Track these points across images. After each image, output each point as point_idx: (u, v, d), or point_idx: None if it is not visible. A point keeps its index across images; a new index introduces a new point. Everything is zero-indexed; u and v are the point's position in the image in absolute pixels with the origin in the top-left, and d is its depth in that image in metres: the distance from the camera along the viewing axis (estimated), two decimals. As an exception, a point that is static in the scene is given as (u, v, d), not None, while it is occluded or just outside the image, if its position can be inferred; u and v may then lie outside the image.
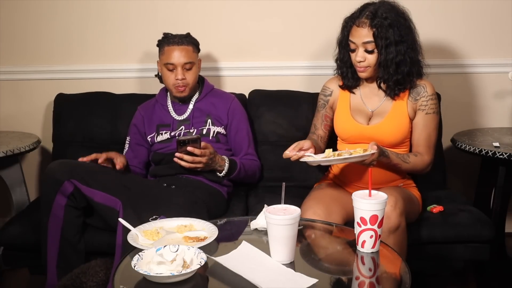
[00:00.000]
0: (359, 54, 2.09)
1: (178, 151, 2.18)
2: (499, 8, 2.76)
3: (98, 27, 2.81)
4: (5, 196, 2.77)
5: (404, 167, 2.11)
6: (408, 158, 2.11)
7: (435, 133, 2.21)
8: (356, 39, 2.08)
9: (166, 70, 2.35)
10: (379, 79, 2.14)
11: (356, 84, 2.23)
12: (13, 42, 2.84)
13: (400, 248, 1.91)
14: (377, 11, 2.06)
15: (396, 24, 2.06)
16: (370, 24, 2.05)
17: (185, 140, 2.18)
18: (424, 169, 2.18)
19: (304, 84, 2.80)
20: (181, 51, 2.33)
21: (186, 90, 2.36)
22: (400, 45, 2.07)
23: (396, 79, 2.10)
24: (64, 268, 2.04)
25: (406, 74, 2.11)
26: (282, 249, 1.52)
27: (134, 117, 2.48)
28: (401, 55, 2.07)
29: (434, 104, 2.17)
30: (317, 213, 1.98)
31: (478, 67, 2.82)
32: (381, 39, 2.04)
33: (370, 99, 2.21)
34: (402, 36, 2.07)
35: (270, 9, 2.78)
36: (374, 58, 2.09)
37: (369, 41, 2.06)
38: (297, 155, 1.99)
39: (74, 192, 2.01)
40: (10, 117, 2.91)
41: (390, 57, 2.07)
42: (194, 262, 1.47)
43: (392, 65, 2.08)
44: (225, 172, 2.30)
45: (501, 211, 2.51)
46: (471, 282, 2.57)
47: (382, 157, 2.01)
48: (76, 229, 2.08)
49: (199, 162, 2.19)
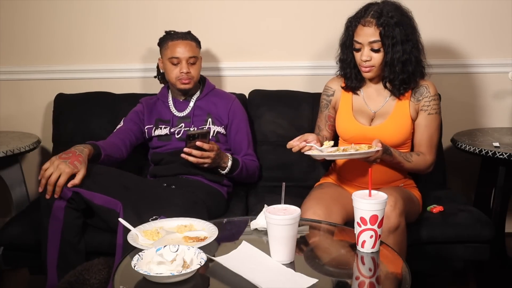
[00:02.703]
0: (365, 53, 2.09)
1: (187, 146, 2.17)
2: (499, 8, 2.76)
3: (98, 27, 2.81)
4: (5, 196, 2.77)
5: (406, 166, 2.11)
6: (410, 157, 2.11)
7: (437, 134, 2.21)
8: (362, 38, 2.08)
9: (171, 64, 2.35)
10: (385, 79, 2.14)
11: (359, 85, 2.23)
12: (13, 42, 2.85)
13: (399, 248, 1.91)
14: (382, 10, 2.06)
15: (401, 23, 2.06)
16: (377, 23, 2.05)
17: (195, 134, 2.16)
18: (426, 169, 2.18)
19: (304, 84, 2.80)
20: (185, 45, 2.34)
21: (191, 83, 2.36)
22: (405, 44, 2.07)
23: (402, 78, 2.11)
24: (64, 269, 2.04)
25: (411, 73, 2.11)
26: (282, 249, 1.52)
27: (136, 107, 2.49)
28: (406, 54, 2.08)
29: (437, 104, 2.18)
30: (317, 213, 1.98)
31: (478, 67, 2.82)
32: (388, 38, 2.04)
33: (373, 100, 2.21)
34: (408, 35, 2.08)
35: (271, 9, 2.78)
36: (380, 57, 2.08)
37: (375, 40, 2.06)
38: (299, 146, 1.99)
39: (73, 195, 2.01)
40: (10, 117, 2.91)
41: (396, 56, 2.07)
42: (194, 262, 1.47)
43: (398, 64, 2.08)
44: (228, 169, 2.30)
45: (501, 211, 2.51)
46: (471, 282, 2.57)
47: (385, 155, 2.02)
48: (76, 230, 2.07)
49: (207, 157, 2.18)
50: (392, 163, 2.09)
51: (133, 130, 2.41)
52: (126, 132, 2.39)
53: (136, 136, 2.41)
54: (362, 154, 1.93)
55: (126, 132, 2.39)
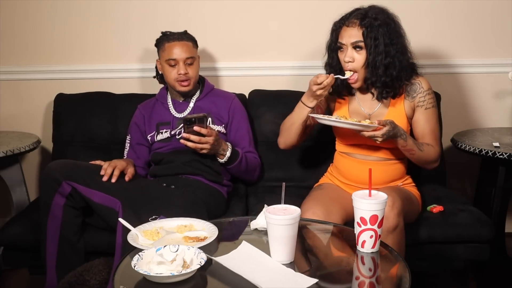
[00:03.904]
0: (348, 54, 2.08)
1: (184, 131, 2.17)
2: (499, 8, 2.76)
3: (98, 27, 2.81)
4: (5, 196, 2.77)
5: (418, 154, 2.09)
6: (422, 146, 2.10)
7: (438, 127, 2.20)
8: (345, 39, 2.08)
9: (168, 66, 2.35)
10: (367, 81, 2.12)
11: (348, 90, 2.21)
12: (13, 42, 2.85)
13: (398, 248, 1.91)
14: (367, 12, 2.08)
15: (385, 26, 2.06)
16: (360, 24, 2.05)
17: (191, 118, 2.16)
18: (435, 161, 2.15)
19: (304, 84, 2.77)
20: (182, 46, 2.34)
21: (190, 84, 2.36)
22: (389, 47, 2.06)
23: (384, 81, 2.08)
24: (63, 268, 2.04)
25: (394, 77, 2.09)
26: (282, 249, 1.52)
27: (134, 116, 2.48)
28: (390, 57, 2.06)
29: (432, 98, 2.17)
30: (317, 214, 1.98)
31: (478, 67, 2.82)
32: (371, 39, 2.04)
33: (367, 102, 2.21)
34: (392, 39, 2.07)
35: (270, 9, 2.78)
36: (362, 58, 2.08)
37: (358, 40, 2.06)
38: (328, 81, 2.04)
39: (72, 192, 2.01)
40: (10, 117, 2.91)
41: (379, 58, 2.06)
42: (194, 262, 1.47)
43: (380, 66, 2.06)
44: (227, 157, 2.28)
45: (501, 211, 2.51)
46: (471, 282, 2.57)
47: (400, 139, 2.01)
48: (75, 228, 2.08)
49: (205, 142, 2.18)
50: (405, 148, 2.07)
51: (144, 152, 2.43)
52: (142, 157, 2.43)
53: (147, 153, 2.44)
54: (359, 126, 1.94)
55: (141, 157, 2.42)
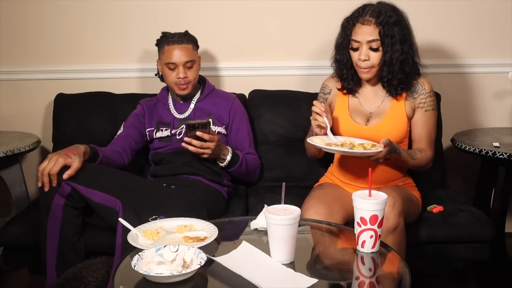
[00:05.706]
0: (363, 53, 2.08)
1: (187, 135, 2.17)
2: (499, 8, 2.76)
3: (98, 27, 2.81)
4: (5, 196, 2.77)
5: (411, 163, 2.12)
6: (415, 154, 2.12)
7: (435, 130, 2.22)
8: (361, 37, 2.08)
9: (167, 69, 2.35)
10: (383, 79, 2.13)
11: (357, 86, 2.22)
12: (13, 42, 2.84)
13: (398, 248, 1.91)
14: (381, 10, 2.07)
15: (399, 23, 2.07)
16: (376, 22, 2.05)
17: (194, 124, 2.17)
18: (427, 165, 2.18)
19: (304, 84, 2.80)
20: (181, 50, 2.33)
21: (188, 87, 2.36)
22: (403, 44, 2.08)
23: (400, 78, 2.11)
24: (63, 268, 2.04)
25: (408, 73, 2.12)
26: (282, 249, 1.52)
27: (136, 109, 2.49)
28: (404, 54, 2.08)
29: (433, 101, 2.18)
30: (319, 212, 1.98)
31: (478, 67, 2.82)
32: (387, 37, 2.05)
33: (369, 100, 2.21)
34: (405, 36, 2.08)
35: (270, 9, 2.78)
36: (378, 56, 2.08)
37: (374, 39, 2.06)
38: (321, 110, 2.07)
39: (72, 192, 2.01)
40: (10, 117, 2.91)
41: (395, 56, 2.07)
42: (194, 262, 1.47)
43: (397, 63, 2.08)
44: (227, 161, 2.29)
45: (501, 211, 2.51)
46: (471, 282, 2.57)
47: (394, 154, 2.02)
48: (75, 228, 2.08)
49: (207, 147, 2.19)
50: (399, 160, 2.09)
51: (133, 135, 2.41)
52: (125, 139, 2.39)
53: (136, 141, 2.42)
54: (363, 153, 1.93)
55: (125, 138, 2.39)
